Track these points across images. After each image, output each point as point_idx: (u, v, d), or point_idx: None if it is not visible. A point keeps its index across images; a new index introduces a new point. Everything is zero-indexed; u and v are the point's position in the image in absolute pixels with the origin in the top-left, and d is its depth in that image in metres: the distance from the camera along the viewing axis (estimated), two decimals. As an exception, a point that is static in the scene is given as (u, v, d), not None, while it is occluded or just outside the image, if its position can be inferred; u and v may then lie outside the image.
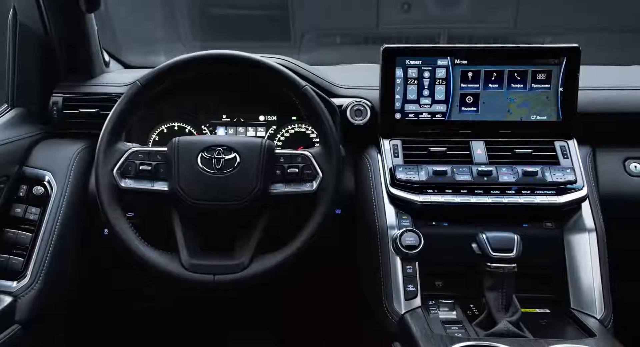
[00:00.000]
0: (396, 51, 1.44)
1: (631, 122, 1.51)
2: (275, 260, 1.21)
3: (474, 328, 1.16)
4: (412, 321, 1.19)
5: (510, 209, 1.33)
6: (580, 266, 1.29)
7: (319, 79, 1.53)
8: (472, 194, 1.35)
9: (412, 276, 1.28)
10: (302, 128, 1.63)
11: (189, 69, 1.26)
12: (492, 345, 1.01)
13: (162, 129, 1.63)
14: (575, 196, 1.33)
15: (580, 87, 1.45)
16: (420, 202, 1.34)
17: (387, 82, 1.45)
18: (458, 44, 1.44)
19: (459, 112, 1.46)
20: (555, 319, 1.24)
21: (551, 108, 1.44)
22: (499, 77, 1.44)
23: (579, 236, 1.32)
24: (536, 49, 1.43)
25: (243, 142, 1.25)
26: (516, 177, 1.36)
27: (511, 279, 1.17)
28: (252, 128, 1.66)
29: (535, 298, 1.32)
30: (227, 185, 1.21)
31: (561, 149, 1.41)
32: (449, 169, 1.37)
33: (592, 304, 1.24)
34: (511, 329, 1.10)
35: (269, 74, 1.26)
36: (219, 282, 1.18)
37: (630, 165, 1.49)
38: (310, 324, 1.88)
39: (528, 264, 1.29)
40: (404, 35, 2.25)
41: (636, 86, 1.55)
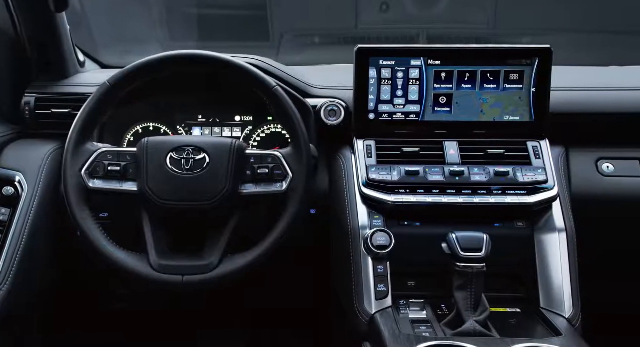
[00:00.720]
0: (369, 51, 1.44)
1: (603, 122, 1.51)
2: (244, 260, 1.21)
3: (442, 327, 1.16)
4: (381, 320, 1.20)
5: (481, 208, 1.34)
6: (549, 266, 1.30)
7: (293, 79, 1.53)
8: (443, 194, 1.35)
9: (382, 275, 1.28)
10: (277, 128, 1.63)
11: (157, 69, 1.25)
12: (456, 344, 1.01)
13: (137, 129, 1.62)
14: (545, 196, 1.34)
15: (554, 87, 1.46)
16: (392, 202, 1.34)
17: (360, 82, 1.45)
18: (432, 44, 1.45)
19: (432, 112, 1.46)
20: (524, 318, 1.25)
21: (523, 108, 1.44)
22: (471, 78, 1.44)
23: (549, 236, 1.33)
24: (508, 50, 1.43)
25: (212, 142, 1.25)
26: (488, 177, 1.36)
27: (480, 279, 1.17)
28: (228, 128, 1.65)
29: (507, 297, 1.33)
30: (195, 185, 1.21)
31: (533, 149, 1.42)
32: (421, 169, 1.37)
33: (561, 303, 1.25)
34: (477, 328, 1.10)
35: (239, 73, 1.26)
36: (188, 283, 1.18)
37: (602, 165, 1.49)
38: (283, 324, 1.87)
39: (499, 263, 1.30)
40: (383, 36, 2.26)
41: (610, 86, 1.56)
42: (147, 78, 1.26)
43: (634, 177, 1.47)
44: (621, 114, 1.50)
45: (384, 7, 2.11)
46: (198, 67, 1.27)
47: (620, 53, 2.13)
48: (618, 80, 1.65)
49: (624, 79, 1.73)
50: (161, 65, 1.25)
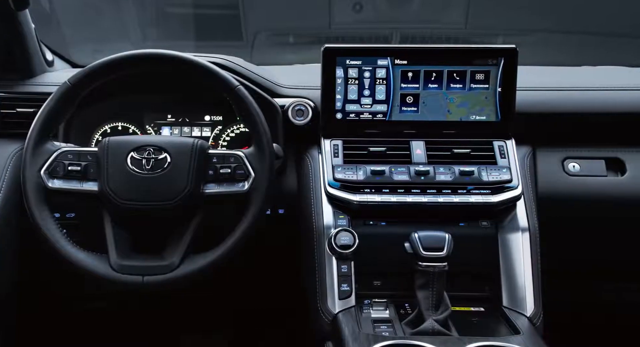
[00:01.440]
0: (336, 51, 1.44)
1: (570, 122, 1.52)
2: (206, 261, 1.20)
3: (403, 327, 1.17)
4: (343, 320, 1.20)
5: (446, 208, 1.34)
6: (512, 265, 1.31)
7: (261, 79, 1.52)
8: (408, 194, 1.35)
9: (346, 275, 1.29)
10: (247, 128, 1.63)
11: (118, 68, 1.24)
12: (412, 343, 1.01)
13: (105, 129, 1.61)
14: (509, 195, 1.34)
15: (521, 87, 1.47)
16: (357, 202, 1.34)
17: (327, 82, 1.45)
18: (400, 44, 1.45)
19: (399, 112, 1.46)
20: (487, 318, 1.25)
21: (490, 108, 1.45)
22: (438, 78, 1.44)
23: (513, 235, 1.34)
24: (474, 50, 1.43)
25: (174, 142, 1.24)
26: (453, 176, 1.37)
27: (442, 278, 1.17)
28: (198, 128, 1.65)
29: (472, 297, 1.34)
30: (157, 185, 1.20)
31: (499, 148, 1.42)
32: (387, 169, 1.38)
33: (523, 303, 1.26)
34: (436, 328, 1.11)
35: (201, 73, 1.25)
36: (148, 283, 1.17)
37: (568, 164, 1.50)
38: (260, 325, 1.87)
39: (464, 262, 1.31)
40: (357, 36, 2.26)
41: (577, 86, 1.57)
42: (108, 78, 1.25)
43: (599, 177, 1.48)
44: (588, 114, 1.51)
45: (357, 7, 2.11)
46: (160, 67, 1.26)
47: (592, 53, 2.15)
48: (587, 81, 1.66)
49: (594, 80, 1.74)
50: (122, 64, 1.24)
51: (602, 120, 1.52)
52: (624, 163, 1.48)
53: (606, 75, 1.85)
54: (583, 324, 1.68)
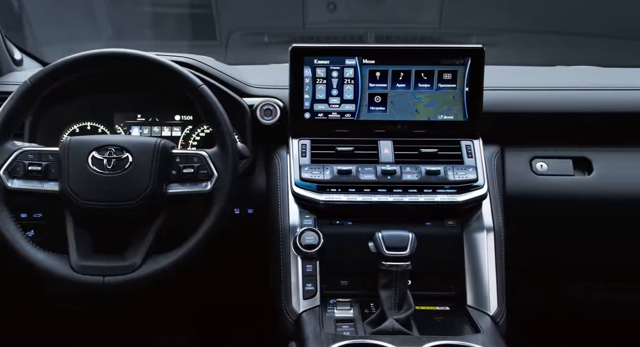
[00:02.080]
0: (304, 51, 1.44)
1: (538, 122, 1.53)
2: (168, 261, 1.20)
3: (364, 326, 1.17)
4: (306, 320, 1.20)
5: (412, 207, 1.34)
6: (477, 264, 1.31)
7: (229, 79, 1.52)
8: (374, 193, 1.35)
9: (311, 275, 1.29)
10: None
11: (79, 68, 1.23)
12: (370, 343, 1.02)
13: (74, 129, 1.60)
14: (474, 195, 1.35)
15: (489, 87, 1.48)
16: (323, 201, 1.34)
17: (295, 82, 1.44)
18: (366, 44, 1.46)
19: (367, 112, 1.46)
20: (450, 317, 1.26)
21: (457, 108, 1.45)
22: (406, 77, 1.44)
23: (478, 234, 1.34)
24: (442, 50, 1.44)
25: (136, 142, 1.23)
26: (419, 176, 1.37)
27: (404, 277, 1.18)
28: (168, 128, 1.64)
29: (438, 296, 1.34)
30: (118, 185, 1.19)
31: (466, 148, 1.43)
32: (353, 169, 1.38)
33: (487, 302, 1.27)
34: (396, 327, 1.11)
35: (164, 72, 1.25)
36: (109, 284, 1.16)
37: (536, 164, 1.51)
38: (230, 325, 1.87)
39: (431, 262, 1.32)
40: (332, 35, 2.26)
41: (545, 86, 1.58)
42: (71, 77, 1.24)
43: (566, 176, 1.49)
44: (555, 113, 1.52)
45: (332, 7, 2.11)
46: (123, 66, 1.25)
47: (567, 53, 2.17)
48: (557, 81, 1.67)
49: (565, 79, 1.76)
50: (83, 64, 1.23)
51: (569, 120, 1.53)
52: (590, 162, 1.49)
53: (578, 75, 1.87)
54: (551, 322, 1.69)
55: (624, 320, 1.68)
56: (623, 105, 1.52)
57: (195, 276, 1.59)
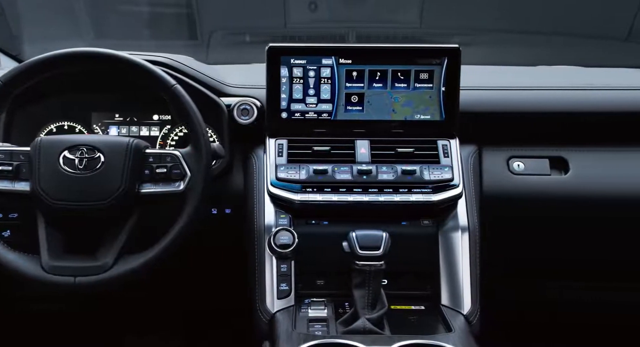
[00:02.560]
0: (281, 50, 1.44)
1: (515, 121, 1.54)
2: (139, 261, 1.19)
3: (337, 326, 1.17)
4: (279, 319, 1.20)
5: (387, 207, 1.35)
6: (452, 263, 1.32)
7: (207, 78, 1.51)
8: (350, 193, 1.35)
9: (286, 275, 1.29)
10: None
11: (52, 66, 1.23)
12: (340, 342, 1.02)
13: (51, 128, 1.59)
14: (449, 194, 1.35)
15: (468, 86, 1.48)
16: (299, 201, 1.34)
17: (272, 82, 1.44)
18: (346, 43, 1.46)
19: (344, 111, 1.46)
20: (425, 316, 1.26)
21: (434, 107, 1.45)
22: (383, 77, 1.44)
23: (453, 234, 1.34)
24: (418, 49, 1.44)
25: (108, 142, 1.23)
26: (395, 175, 1.37)
27: (378, 277, 1.18)
28: (146, 127, 1.63)
29: (414, 295, 1.34)
30: (89, 185, 1.19)
31: (443, 147, 1.43)
32: (329, 168, 1.38)
33: (461, 301, 1.27)
34: (367, 326, 1.11)
35: (137, 71, 1.24)
36: (80, 284, 1.16)
37: (513, 163, 1.51)
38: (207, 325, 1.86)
39: (407, 261, 1.32)
40: (313, 35, 2.26)
41: (523, 86, 1.58)
42: (43, 76, 1.23)
43: (543, 176, 1.49)
44: (532, 113, 1.53)
45: (313, 6, 2.11)
46: (96, 65, 1.25)
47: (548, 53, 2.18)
48: (540, 80, 1.68)
49: (547, 79, 1.76)
50: (56, 63, 1.23)
51: (546, 120, 1.53)
52: (567, 162, 1.49)
53: (559, 75, 1.88)
54: (527, 322, 1.70)
55: (599, 319, 1.69)
56: (599, 105, 1.53)
57: (173, 276, 1.59)
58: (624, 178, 1.47)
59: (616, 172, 1.48)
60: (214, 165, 1.47)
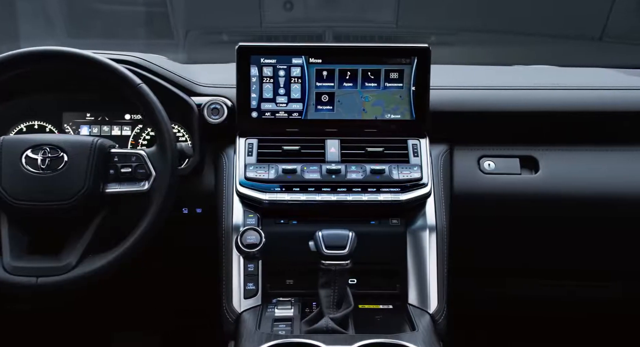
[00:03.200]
0: (250, 50, 1.44)
1: (487, 121, 1.54)
2: (103, 261, 1.18)
3: (301, 325, 1.17)
4: (245, 319, 1.20)
5: (356, 206, 1.35)
6: (419, 263, 1.32)
7: (177, 77, 1.50)
8: (318, 192, 1.35)
9: (253, 274, 1.29)
10: None
11: (16, 66, 1.22)
12: (300, 342, 1.02)
13: (21, 128, 1.58)
14: (418, 194, 1.35)
15: (439, 86, 1.48)
16: (267, 200, 1.34)
17: (242, 81, 1.44)
18: (319, 43, 1.46)
19: (315, 111, 1.46)
20: (391, 315, 1.26)
21: (404, 107, 1.45)
22: (353, 76, 1.44)
23: (420, 233, 1.34)
24: (387, 49, 1.44)
25: (72, 141, 1.23)
26: (364, 175, 1.37)
27: (343, 276, 1.18)
28: (118, 127, 1.62)
29: (383, 294, 1.35)
30: (52, 185, 1.18)
31: (413, 147, 1.43)
32: (298, 168, 1.38)
33: (427, 300, 1.27)
34: (330, 326, 1.11)
35: (102, 70, 1.24)
36: (42, 285, 1.15)
37: (484, 163, 1.52)
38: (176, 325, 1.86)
39: (376, 260, 1.33)
40: (290, 34, 2.26)
41: (494, 86, 1.58)
42: (6, 75, 1.22)
43: (513, 175, 1.50)
44: (503, 112, 1.53)
45: (288, 6, 2.11)
46: (61, 65, 1.24)
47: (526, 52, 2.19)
48: (514, 80, 1.68)
49: (521, 79, 1.77)
50: (19, 62, 1.22)
51: (517, 119, 1.54)
52: (537, 161, 1.50)
53: (534, 74, 1.88)
54: (494, 320, 1.70)
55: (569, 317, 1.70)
56: (569, 104, 1.53)
57: (146, 276, 1.58)
58: (592, 178, 1.48)
59: (585, 172, 1.48)
60: (184, 165, 1.48)
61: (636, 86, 1.57)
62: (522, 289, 1.59)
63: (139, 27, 2.18)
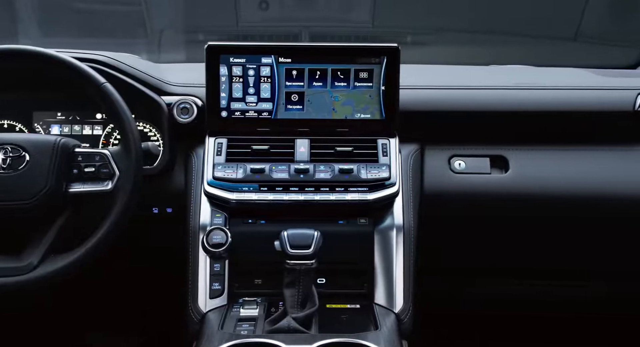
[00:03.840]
0: (219, 49, 1.43)
1: (457, 120, 1.54)
2: (65, 262, 1.18)
3: (264, 325, 1.17)
4: (209, 319, 1.20)
5: (323, 206, 1.35)
6: (386, 262, 1.32)
7: (147, 76, 1.50)
8: (286, 192, 1.35)
9: (219, 274, 1.28)
10: (139, 126, 1.60)
11: None
12: (259, 341, 1.01)
13: None
14: (385, 193, 1.35)
15: (409, 85, 1.49)
16: (235, 200, 1.34)
17: (212, 80, 1.43)
18: (282, 42, 1.45)
19: (285, 110, 1.46)
20: (357, 315, 1.26)
21: (374, 106, 1.45)
22: (322, 76, 1.44)
23: (388, 232, 1.34)
24: (357, 48, 1.44)
25: (34, 141, 1.22)
26: (332, 174, 1.37)
27: (308, 276, 1.18)
28: (89, 126, 1.61)
29: (352, 294, 1.35)
30: (13, 184, 1.17)
31: (382, 146, 1.43)
32: (267, 167, 1.37)
33: (393, 299, 1.27)
34: (292, 325, 1.11)
35: (66, 70, 1.23)
36: (3, 285, 1.14)
37: (454, 162, 1.52)
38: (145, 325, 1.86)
39: (344, 260, 1.33)
40: (266, 34, 2.26)
41: (465, 86, 1.58)
42: None
43: (483, 174, 1.50)
44: (473, 112, 1.54)
45: (264, 5, 2.11)
46: (25, 63, 1.24)
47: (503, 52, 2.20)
48: (486, 80, 1.69)
49: (495, 79, 1.77)
50: None
51: (488, 119, 1.54)
52: (507, 161, 1.51)
53: (509, 74, 1.88)
54: (461, 319, 1.70)
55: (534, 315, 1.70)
56: (539, 104, 1.53)
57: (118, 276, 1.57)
58: (561, 177, 1.48)
59: (554, 172, 1.49)
60: (154, 164, 1.47)
61: (606, 86, 1.58)
62: (492, 288, 1.60)
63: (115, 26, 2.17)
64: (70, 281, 1.23)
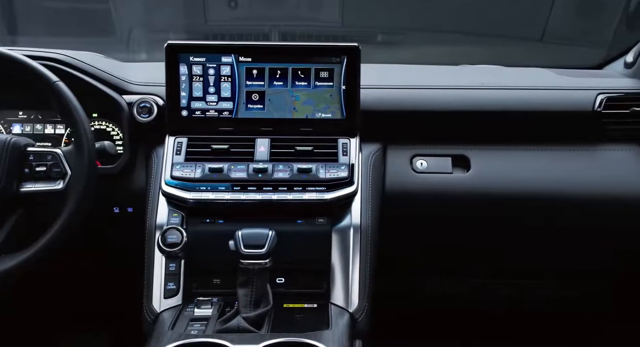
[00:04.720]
0: (179, 48, 1.43)
1: (419, 120, 1.55)
2: (14, 262, 1.17)
3: (216, 325, 1.16)
4: (163, 319, 1.19)
5: (281, 205, 1.34)
6: (342, 262, 1.32)
7: (107, 75, 1.49)
8: (244, 192, 1.35)
9: (174, 274, 1.28)
10: (102, 125, 1.60)
11: None
12: (207, 341, 1.01)
13: None
14: (343, 193, 1.34)
15: (370, 85, 1.49)
16: (192, 199, 1.33)
17: (171, 79, 1.43)
18: (242, 42, 1.45)
19: (245, 110, 1.45)
20: (313, 314, 1.26)
21: (335, 106, 1.45)
22: (283, 75, 1.44)
23: (345, 232, 1.34)
24: (317, 48, 1.44)
25: None
26: (291, 174, 1.37)
27: (262, 275, 1.17)
28: (51, 125, 1.60)
29: (310, 293, 1.34)
30: None
31: (343, 146, 1.43)
32: (225, 167, 1.37)
33: (348, 299, 1.27)
34: (242, 325, 1.10)
35: (16, 67, 1.22)
36: None
37: (416, 162, 1.53)
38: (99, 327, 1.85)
39: (302, 259, 1.32)
40: (236, 32, 2.25)
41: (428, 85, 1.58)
42: None
43: (445, 174, 1.51)
44: (435, 112, 1.54)
45: (233, 4, 2.11)
46: None
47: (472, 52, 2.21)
48: (452, 79, 1.69)
49: (462, 78, 1.77)
50: None
51: (449, 118, 1.54)
52: (469, 160, 1.51)
53: (477, 74, 1.89)
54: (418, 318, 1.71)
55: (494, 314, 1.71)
56: (501, 104, 1.54)
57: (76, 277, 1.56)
58: (521, 177, 1.49)
59: (514, 171, 1.50)
60: (114, 164, 1.46)
61: (568, 86, 1.59)
62: (450, 287, 1.60)
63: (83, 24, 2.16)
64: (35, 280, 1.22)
